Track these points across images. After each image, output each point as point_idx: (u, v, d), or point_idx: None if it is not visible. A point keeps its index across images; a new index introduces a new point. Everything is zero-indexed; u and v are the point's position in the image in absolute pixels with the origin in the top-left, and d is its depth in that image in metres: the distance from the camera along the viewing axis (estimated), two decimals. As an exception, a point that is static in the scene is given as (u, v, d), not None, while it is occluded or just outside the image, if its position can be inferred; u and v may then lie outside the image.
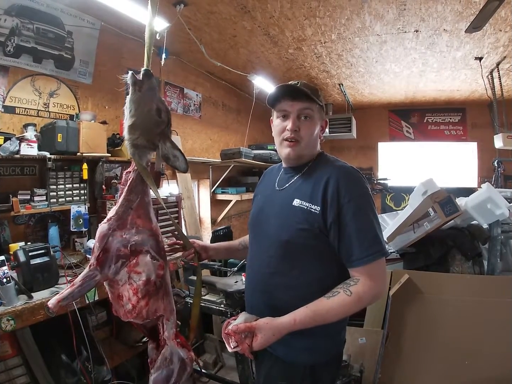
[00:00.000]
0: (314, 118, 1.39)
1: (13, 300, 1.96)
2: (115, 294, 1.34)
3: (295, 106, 1.36)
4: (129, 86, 1.24)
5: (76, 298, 1.28)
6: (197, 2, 3.01)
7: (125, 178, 1.34)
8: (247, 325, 1.20)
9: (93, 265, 1.26)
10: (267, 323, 1.20)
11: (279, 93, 1.39)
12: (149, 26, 1.33)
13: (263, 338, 1.17)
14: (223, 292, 2.69)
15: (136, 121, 1.25)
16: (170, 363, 1.45)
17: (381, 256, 1.25)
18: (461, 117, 7.04)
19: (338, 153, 7.35)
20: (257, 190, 1.70)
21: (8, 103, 2.69)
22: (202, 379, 3.31)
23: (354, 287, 1.20)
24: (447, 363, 2.27)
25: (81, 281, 1.24)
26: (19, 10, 2.64)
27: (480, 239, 2.81)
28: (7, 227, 2.58)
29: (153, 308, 1.37)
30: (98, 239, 1.26)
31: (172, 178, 4.19)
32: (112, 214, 1.29)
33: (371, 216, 1.27)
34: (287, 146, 1.39)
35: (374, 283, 1.22)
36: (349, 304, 1.19)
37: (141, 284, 1.31)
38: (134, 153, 1.29)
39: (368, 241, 1.24)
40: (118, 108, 3.61)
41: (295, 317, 1.19)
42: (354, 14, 3.24)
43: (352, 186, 1.28)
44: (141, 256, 1.31)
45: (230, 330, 1.20)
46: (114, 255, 1.27)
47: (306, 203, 1.30)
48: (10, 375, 2.22)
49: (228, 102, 5.80)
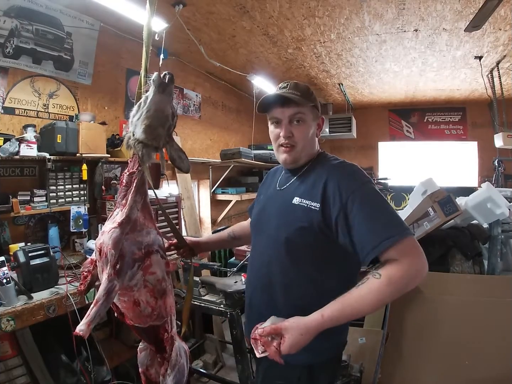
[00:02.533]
0: (307, 120, 1.39)
1: (13, 300, 1.98)
2: (130, 302, 1.32)
3: (286, 113, 1.37)
4: (151, 86, 1.26)
5: (103, 315, 1.22)
6: (196, 2, 3.01)
7: (128, 179, 1.32)
8: (273, 327, 1.13)
9: (111, 275, 1.20)
10: (293, 322, 1.13)
11: (268, 102, 1.40)
12: (147, 25, 1.34)
13: (290, 338, 1.10)
14: (223, 293, 2.69)
15: (153, 122, 1.25)
16: (180, 358, 1.48)
17: (407, 234, 1.14)
18: (461, 116, 7.03)
19: (338, 152, 7.34)
20: (260, 190, 1.71)
21: (7, 104, 2.69)
22: (202, 379, 3.31)
23: (383, 269, 1.11)
24: (447, 363, 2.27)
25: (104, 296, 1.18)
26: (18, 11, 2.65)
27: (480, 239, 2.81)
28: (7, 228, 2.59)
29: (168, 306, 1.39)
30: (112, 246, 1.21)
31: (172, 179, 4.19)
32: (122, 217, 1.25)
33: (380, 201, 1.23)
34: (283, 152, 1.41)
35: (405, 260, 1.11)
36: (380, 288, 1.09)
37: (157, 285, 1.32)
38: (144, 153, 1.28)
39: (383, 224, 1.16)
40: (118, 108, 3.62)
41: (322, 313, 1.11)
42: (353, 13, 3.24)
43: (352, 179, 1.28)
44: (153, 256, 1.32)
45: (257, 334, 1.15)
46: (130, 260, 1.25)
47: (306, 201, 1.30)
48: (10, 375, 2.23)
49: (228, 102, 5.80)
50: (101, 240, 1.24)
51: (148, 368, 1.50)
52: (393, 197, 7.30)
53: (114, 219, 1.28)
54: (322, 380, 1.37)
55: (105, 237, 1.23)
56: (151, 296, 1.31)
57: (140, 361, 1.51)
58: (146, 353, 1.52)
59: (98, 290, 1.20)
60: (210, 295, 2.84)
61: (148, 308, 1.32)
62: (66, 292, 2.17)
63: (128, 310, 1.35)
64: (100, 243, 1.24)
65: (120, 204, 1.31)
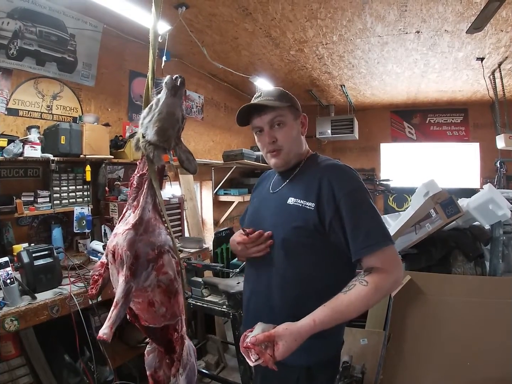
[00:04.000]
0: (287, 121, 1.40)
1: (16, 300, 1.99)
2: (145, 303, 1.32)
3: (264, 119, 1.39)
4: (163, 89, 1.28)
5: (122, 316, 1.22)
6: (199, 4, 3.03)
7: (139, 181, 1.33)
8: (266, 335, 1.11)
9: (127, 277, 1.20)
10: (286, 329, 1.13)
11: (244, 113, 1.43)
12: (153, 28, 1.36)
13: (284, 345, 1.10)
14: (225, 293, 2.70)
15: (165, 124, 1.27)
16: (190, 357, 1.50)
17: (389, 243, 1.22)
18: (463, 117, 7.02)
19: (340, 154, 7.36)
20: (253, 194, 1.72)
21: (11, 106, 2.71)
22: (205, 380, 3.32)
23: (369, 277, 1.18)
24: (448, 364, 2.27)
25: (123, 298, 1.19)
26: (21, 13, 2.67)
27: (482, 240, 2.81)
28: (10, 229, 2.60)
29: (180, 305, 1.40)
30: (128, 247, 1.20)
31: (175, 180, 4.20)
32: (136, 219, 1.25)
33: (369, 207, 1.27)
34: (271, 157, 1.44)
35: (389, 269, 1.19)
36: (367, 294, 1.15)
37: (169, 284, 1.33)
38: (155, 155, 1.29)
39: (371, 230, 1.23)
40: (121, 110, 3.64)
41: (314, 318, 1.13)
42: (355, 15, 3.25)
43: (345, 181, 1.30)
44: (165, 256, 1.32)
45: (249, 343, 1.12)
46: (145, 261, 1.25)
47: (300, 201, 1.32)
48: (13, 375, 2.24)
49: (230, 103, 5.82)
50: (114, 242, 1.24)
51: (156, 370, 1.49)
52: (395, 198, 7.30)
53: (127, 221, 1.28)
54: (321, 381, 1.37)
55: (118, 239, 1.23)
56: (164, 296, 1.32)
57: (148, 364, 1.51)
58: (154, 355, 1.51)
59: (116, 292, 1.20)
60: (212, 296, 2.85)
61: (163, 308, 1.33)
62: (70, 293, 2.18)
63: (143, 311, 1.35)
64: (113, 245, 1.24)
65: (132, 205, 1.31)
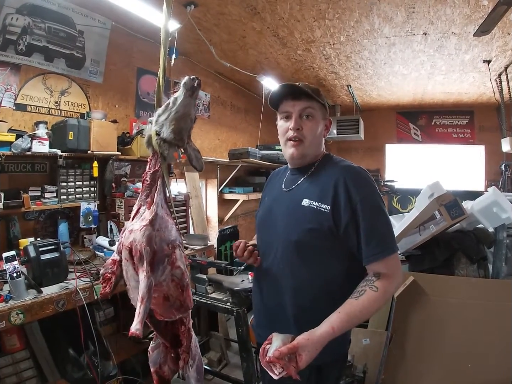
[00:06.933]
0: (317, 117, 1.40)
1: (22, 294, 2.00)
2: (161, 297, 1.35)
3: (297, 106, 1.38)
4: (181, 89, 1.31)
5: (148, 311, 1.24)
6: (207, 3, 3.04)
7: (152, 177, 1.35)
8: (289, 347, 1.09)
9: (148, 272, 1.22)
10: (308, 339, 1.11)
11: (280, 93, 1.41)
12: (164, 27, 1.38)
13: (307, 355, 1.09)
14: (230, 291, 2.71)
15: (181, 123, 1.31)
16: (197, 348, 1.52)
17: (396, 250, 1.28)
18: (469, 120, 7.00)
19: (345, 154, 7.34)
20: (264, 193, 1.71)
21: (20, 101, 2.73)
22: (207, 376, 3.33)
23: (378, 282, 1.21)
24: (450, 366, 2.27)
25: (147, 293, 1.21)
26: (30, 9, 2.69)
27: (486, 243, 2.81)
28: (17, 223, 2.62)
29: (190, 297, 1.44)
30: (147, 243, 1.23)
31: (180, 177, 4.22)
32: (152, 215, 1.28)
33: (383, 213, 1.30)
34: (291, 146, 1.41)
35: (394, 274, 1.25)
36: (378, 299, 1.20)
37: (182, 278, 1.36)
38: (169, 153, 1.34)
39: (383, 237, 1.26)
40: (128, 107, 3.66)
41: (332, 325, 1.14)
42: (363, 16, 3.25)
43: (362, 186, 1.30)
44: (177, 250, 1.35)
45: (272, 357, 1.09)
46: (162, 256, 1.28)
47: (315, 203, 1.31)
48: (17, 368, 2.26)
49: (236, 102, 5.82)
50: (131, 238, 1.26)
51: (161, 366, 1.51)
52: (400, 199, 7.30)
53: (143, 217, 1.30)
54: (330, 379, 1.39)
55: (136, 235, 1.25)
56: (177, 289, 1.35)
57: (152, 360, 1.52)
58: (158, 351, 1.53)
59: (140, 288, 1.22)
60: (217, 293, 2.86)
61: (177, 301, 1.37)
62: (76, 287, 2.19)
63: (158, 305, 1.38)
64: (130, 242, 1.25)
65: (145, 202, 1.34)
